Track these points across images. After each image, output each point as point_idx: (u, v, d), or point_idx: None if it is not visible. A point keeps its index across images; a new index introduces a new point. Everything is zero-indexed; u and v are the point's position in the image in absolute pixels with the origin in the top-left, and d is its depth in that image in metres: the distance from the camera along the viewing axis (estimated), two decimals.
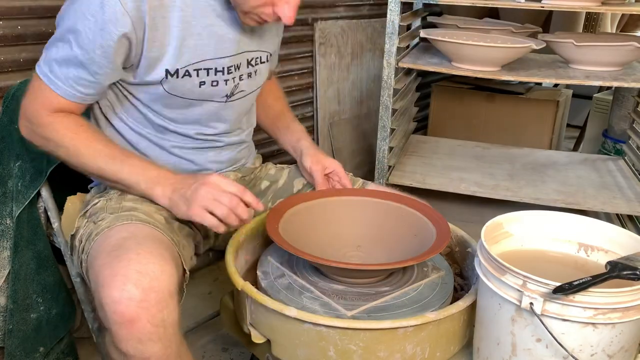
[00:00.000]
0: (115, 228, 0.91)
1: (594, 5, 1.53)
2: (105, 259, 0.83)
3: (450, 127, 2.57)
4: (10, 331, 1.18)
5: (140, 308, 0.77)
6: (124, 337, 0.78)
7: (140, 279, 0.78)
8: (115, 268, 0.80)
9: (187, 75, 0.99)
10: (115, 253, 0.83)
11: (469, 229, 1.10)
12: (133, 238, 0.87)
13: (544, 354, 0.77)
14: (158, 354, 0.80)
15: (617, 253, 0.89)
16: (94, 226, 0.95)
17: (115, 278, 0.78)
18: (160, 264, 0.82)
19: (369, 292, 0.95)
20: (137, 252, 0.82)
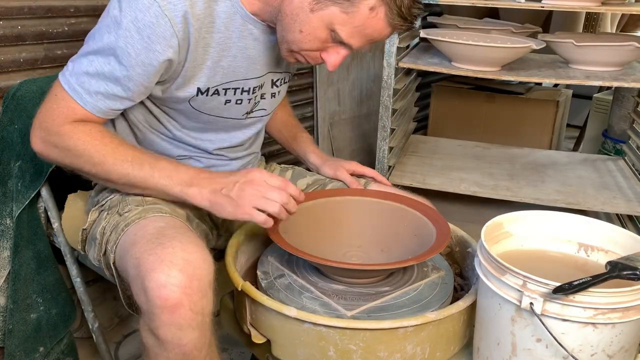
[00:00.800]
0: (150, 218, 0.92)
1: (594, 5, 1.53)
2: (148, 245, 0.83)
3: (450, 127, 2.57)
4: (10, 331, 1.18)
5: (184, 294, 0.78)
6: (165, 322, 0.78)
7: (185, 266, 0.79)
8: (160, 254, 0.80)
9: (215, 93, 1.00)
10: (158, 240, 0.83)
11: (469, 229, 1.10)
12: (172, 228, 0.88)
13: (544, 354, 0.77)
14: (194, 342, 0.81)
15: (617, 253, 0.89)
16: (121, 217, 0.95)
17: (162, 263, 0.79)
18: (202, 254, 0.83)
19: (369, 292, 0.95)
20: (180, 241, 0.83)
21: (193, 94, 0.97)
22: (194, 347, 0.81)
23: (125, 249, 0.88)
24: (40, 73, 1.36)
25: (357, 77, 2.39)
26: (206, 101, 1.00)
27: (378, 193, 1.13)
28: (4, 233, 1.19)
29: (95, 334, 1.27)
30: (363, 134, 2.46)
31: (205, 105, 1.01)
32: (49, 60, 1.38)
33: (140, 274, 0.80)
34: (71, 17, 1.40)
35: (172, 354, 0.80)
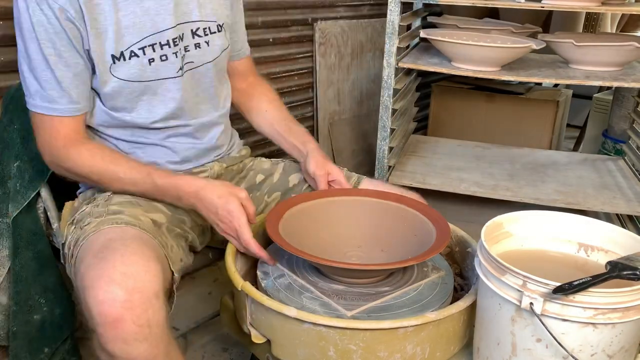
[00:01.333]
0: (102, 231, 0.91)
1: (594, 5, 1.53)
2: (92, 261, 0.83)
3: (450, 127, 2.57)
4: (15, 333, 1.18)
5: (124, 309, 0.78)
6: (110, 338, 0.78)
7: (124, 280, 0.79)
8: (100, 270, 0.80)
9: (134, 56, 0.99)
10: (101, 255, 0.83)
11: (469, 229, 1.10)
12: (119, 239, 0.87)
13: (544, 354, 0.77)
14: (144, 354, 0.80)
15: (617, 253, 0.89)
16: (81, 231, 0.95)
17: (100, 280, 0.79)
18: (145, 265, 0.82)
19: (369, 292, 0.95)
20: (122, 254, 0.82)
21: (110, 62, 0.98)
22: (145, 358, 0.80)
23: (77, 265, 0.89)
24: None
25: (357, 77, 2.39)
26: (128, 67, 0.99)
27: (378, 193, 1.13)
28: (2, 232, 1.19)
29: None
30: (363, 134, 2.46)
31: (132, 72, 1.00)
32: None
33: (83, 291, 0.81)
34: None
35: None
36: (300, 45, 2.15)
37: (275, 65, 2.08)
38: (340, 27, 2.26)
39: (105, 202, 1.02)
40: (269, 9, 1.99)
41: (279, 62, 2.09)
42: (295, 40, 2.12)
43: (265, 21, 1.98)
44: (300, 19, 2.12)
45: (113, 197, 1.03)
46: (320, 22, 2.17)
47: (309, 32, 2.17)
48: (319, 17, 2.18)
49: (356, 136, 2.42)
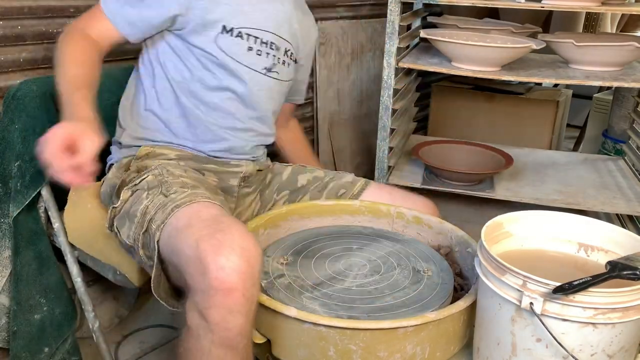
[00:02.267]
0: (201, 203, 0.95)
1: (594, 5, 1.53)
2: (206, 230, 0.85)
3: (450, 127, 2.57)
4: (15, 333, 1.18)
5: (240, 279, 0.80)
6: (217, 304, 0.80)
7: (243, 253, 0.81)
8: (221, 239, 0.82)
9: (239, 36, 1.15)
10: (217, 226, 0.86)
11: (469, 229, 1.10)
12: (225, 216, 0.91)
13: (544, 354, 0.77)
14: (239, 327, 0.82)
15: (617, 253, 0.89)
16: (167, 199, 0.97)
17: (222, 248, 0.81)
18: (255, 243, 0.85)
19: (370, 292, 0.95)
20: (237, 229, 0.85)
21: (218, 31, 1.13)
22: (239, 332, 0.82)
23: (179, 229, 0.90)
24: (40, 73, 1.36)
25: (357, 77, 2.39)
26: (231, 43, 1.14)
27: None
28: (5, 233, 1.19)
29: (96, 334, 1.27)
30: (363, 134, 2.46)
31: (230, 48, 1.14)
32: (49, 60, 1.38)
33: (199, 255, 0.82)
34: (71, 17, 1.40)
35: (216, 336, 0.82)
36: None
37: None
38: (340, 27, 2.26)
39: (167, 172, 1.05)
40: None
41: None
42: None
43: None
44: None
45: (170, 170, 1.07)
46: (320, 22, 2.17)
47: None
48: (319, 17, 2.18)
49: (356, 136, 2.42)
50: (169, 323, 1.67)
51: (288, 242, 1.11)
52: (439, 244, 1.16)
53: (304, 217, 1.19)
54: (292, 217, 1.18)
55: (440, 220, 1.17)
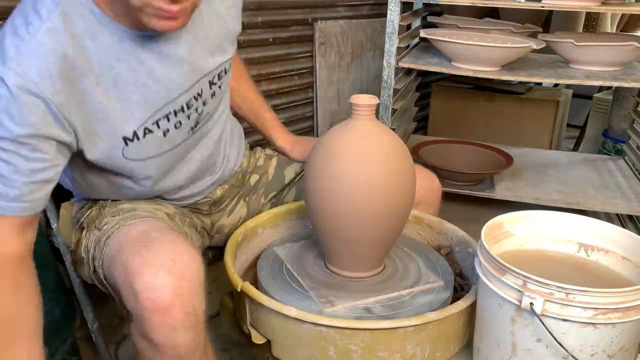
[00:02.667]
0: (130, 225, 0.90)
1: (594, 5, 1.53)
2: (133, 249, 0.82)
3: (450, 127, 2.57)
4: None
5: (174, 295, 0.77)
6: (157, 325, 0.77)
7: (173, 267, 0.78)
8: (146, 257, 0.79)
9: (149, 132, 0.90)
10: (143, 243, 0.83)
11: (469, 229, 1.10)
12: (156, 230, 0.87)
13: (544, 354, 0.77)
14: (188, 343, 0.80)
15: (617, 253, 0.89)
16: (100, 232, 0.94)
17: (149, 266, 0.78)
18: (190, 253, 0.82)
19: (370, 291, 0.95)
20: (165, 241, 0.82)
21: (122, 146, 0.88)
22: (188, 348, 0.80)
23: (111, 257, 0.87)
24: None
25: (357, 77, 2.39)
26: (143, 145, 0.90)
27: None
28: None
29: (95, 334, 1.27)
30: None
31: (145, 150, 0.91)
32: None
33: (128, 278, 0.79)
34: None
35: (166, 356, 0.80)
36: (300, 45, 2.15)
37: (275, 65, 2.08)
38: (340, 27, 2.26)
39: (111, 203, 1.01)
40: (269, 9, 1.99)
41: (279, 62, 2.09)
42: (295, 40, 2.12)
43: (265, 21, 1.98)
44: (300, 19, 2.11)
45: (116, 202, 1.02)
46: (320, 22, 2.17)
47: (309, 32, 2.16)
48: (319, 17, 2.18)
49: None
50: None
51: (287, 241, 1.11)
52: (439, 244, 1.15)
53: (303, 216, 1.19)
54: (292, 216, 1.18)
55: (440, 220, 1.17)
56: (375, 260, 1.00)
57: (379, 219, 0.92)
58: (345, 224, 0.92)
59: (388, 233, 0.95)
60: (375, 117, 0.97)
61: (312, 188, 0.95)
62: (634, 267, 0.86)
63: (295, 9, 2.09)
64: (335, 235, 0.95)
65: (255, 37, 1.97)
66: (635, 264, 0.86)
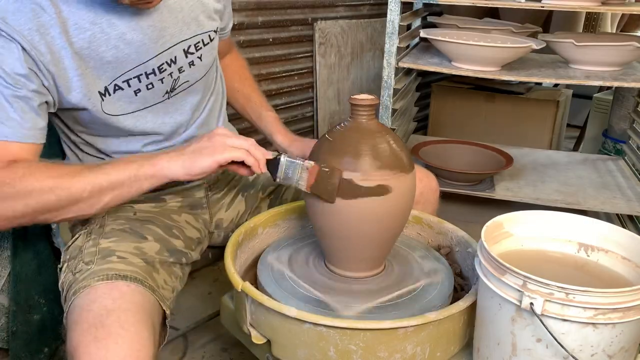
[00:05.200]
0: (95, 290, 0.87)
1: (594, 5, 1.53)
2: (84, 336, 0.81)
3: (450, 127, 2.57)
4: (14, 333, 1.18)
5: None
6: None
7: None
8: (93, 357, 0.78)
9: (119, 89, 0.96)
10: (96, 333, 0.80)
11: (469, 229, 1.10)
12: (114, 312, 0.83)
13: (544, 354, 0.77)
14: None
15: (617, 253, 0.89)
16: (73, 278, 0.93)
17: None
18: (137, 355, 0.80)
19: (370, 290, 0.95)
20: (115, 341, 0.80)
21: (99, 100, 0.94)
22: None
23: (70, 322, 0.86)
24: None
25: (357, 77, 2.39)
26: (115, 100, 0.96)
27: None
28: (4, 233, 1.19)
29: None
30: None
31: (118, 105, 0.97)
32: None
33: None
34: None
35: None
36: (300, 45, 2.15)
37: (275, 65, 2.08)
38: (340, 27, 2.26)
39: (98, 230, 1.00)
40: (269, 9, 1.99)
41: (279, 62, 2.09)
42: (295, 40, 2.12)
43: (265, 21, 1.98)
44: (300, 19, 2.12)
45: (106, 224, 1.01)
46: (320, 22, 2.17)
47: (309, 32, 2.17)
48: (319, 17, 2.18)
49: None
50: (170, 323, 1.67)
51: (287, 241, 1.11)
52: (439, 244, 1.15)
53: (304, 215, 1.19)
54: (292, 216, 1.18)
55: (440, 220, 1.17)
56: (375, 260, 1.00)
57: (379, 219, 0.92)
58: (345, 224, 0.92)
59: (388, 233, 0.95)
60: (375, 117, 0.97)
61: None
62: (634, 267, 0.86)
63: (295, 9, 2.09)
64: (335, 235, 0.95)
65: (255, 37, 1.97)
66: (635, 264, 0.86)
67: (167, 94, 1.04)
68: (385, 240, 0.97)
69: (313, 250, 1.07)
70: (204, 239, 1.17)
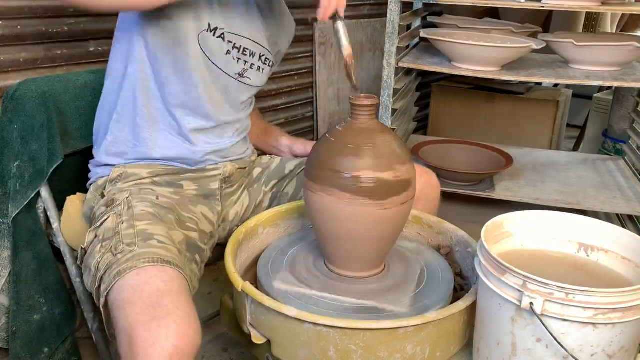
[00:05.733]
0: (146, 271, 0.90)
1: (594, 5, 1.53)
2: (142, 315, 0.83)
3: (450, 127, 2.57)
4: (14, 333, 1.18)
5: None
6: None
7: (174, 354, 0.80)
8: (154, 334, 0.81)
9: (221, 37, 1.09)
10: (154, 312, 0.83)
11: (469, 229, 1.10)
12: (169, 295, 0.87)
13: (544, 354, 0.77)
14: None
15: (617, 253, 0.89)
16: (114, 258, 0.94)
17: (154, 347, 0.80)
18: (193, 337, 0.83)
19: (369, 290, 0.95)
20: (174, 320, 0.82)
21: (204, 28, 1.06)
22: None
23: (119, 302, 0.88)
24: (40, 73, 1.36)
25: (357, 77, 2.39)
26: (213, 43, 1.08)
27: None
28: (4, 233, 1.19)
29: (95, 334, 1.27)
30: None
31: (211, 48, 1.08)
32: (48, 60, 1.38)
33: (131, 342, 0.81)
34: (70, 17, 1.40)
35: None
36: (300, 45, 2.15)
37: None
38: None
39: (128, 212, 1.02)
40: None
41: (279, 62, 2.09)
42: (295, 40, 2.11)
43: None
44: (300, 19, 2.11)
45: (133, 206, 1.03)
46: (320, 22, 2.17)
47: (309, 32, 2.17)
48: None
49: None
50: None
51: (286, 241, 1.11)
52: (439, 244, 1.16)
53: (304, 215, 1.19)
54: (292, 215, 1.18)
55: (440, 220, 1.17)
56: (375, 260, 1.00)
57: (379, 219, 0.92)
58: (344, 224, 0.92)
59: (388, 234, 0.95)
60: (375, 117, 0.97)
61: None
62: (634, 267, 0.86)
63: (295, 9, 2.08)
64: (335, 235, 0.95)
65: None
66: (635, 264, 0.86)
67: (238, 75, 1.16)
68: (385, 241, 0.97)
69: (313, 250, 1.07)
70: (215, 232, 1.19)
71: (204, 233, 1.13)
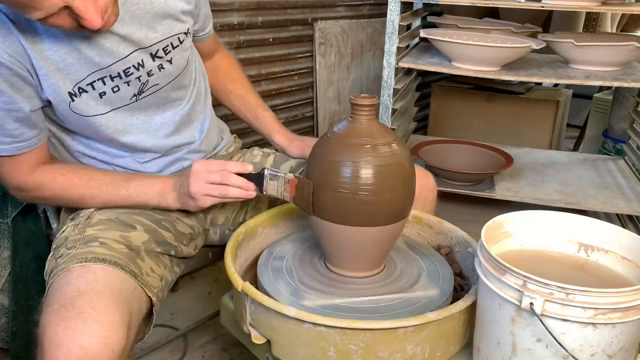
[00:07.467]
0: (70, 272, 0.87)
1: (594, 5, 1.53)
2: (55, 315, 0.80)
3: (450, 127, 2.57)
4: (14, 333, 1.18)
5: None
6: None
7: (81, 356, 0.77)
8: (61, 335, 0.77)
9: (84, 92, 0.96)
10: (65, 313, 0.80)
11: (469, 229, 1.10)
12: (86, 294, 0.82)
13: (544, 354, 0.77)
14: None
15: (617, 253, 0.89)
16: (55, 263, 0.93)
17: (59, 349, 0.77)
18: (105, 335, 0.79)
19: (369, 289, 0.95)
20: (84, 320, 0.79)
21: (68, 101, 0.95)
22: None
23: (42, 308, 0.85)
24: None
25: (357, 77, 2.39)
26: (83, 102, 0.96)
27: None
28: (4, 233, 1.19)
29: None
30: None
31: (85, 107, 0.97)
32: None
33: (41, 349, 0.79)
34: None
35: None
36: (300, 45, 2.15)
37: (275, 65, 2.08)
38: (340, 27, 2.26)
39: (85, 221, 1.01)
40: (269, 9, 1.99)
41: (279, 62, 2.09)
42: (295, 40, 2.13)
43: (265, 21, 1.98)
44: (300, 19, 2.12)
45: (95, 215, 1.02)
46: (320, 22, 2.17)
47: (309, 32, 2.17)
48: (319, 17, 2.18)
49: None
50: (169, 323, 1.67)
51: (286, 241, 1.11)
52: (439, 244, 1.15)
53: (304, 215, 1.19)
54: (292, 216, 1.18)
55: (440, 220, 1.17)
56: (375, 260, 1.00)
57: (379, 219, 0.92)
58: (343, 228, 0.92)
59: (388, 233, 0.95)
60: (375, 117, 0.97)
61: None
62: (634, 267, 0.86)
63: (295, 9, 2.09)
64: (335, 235, 0.95)
65: (255, 37, 1.97)
66: (635, 264, 0.86)
67: (135, 97, 1.02)
68: (384, 241, 0.97)
69: (313, 250, 1.07)
70: (198, 235, 1.15)
71: (181, 234, 1.09)
